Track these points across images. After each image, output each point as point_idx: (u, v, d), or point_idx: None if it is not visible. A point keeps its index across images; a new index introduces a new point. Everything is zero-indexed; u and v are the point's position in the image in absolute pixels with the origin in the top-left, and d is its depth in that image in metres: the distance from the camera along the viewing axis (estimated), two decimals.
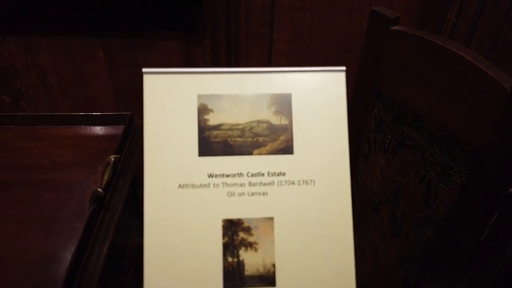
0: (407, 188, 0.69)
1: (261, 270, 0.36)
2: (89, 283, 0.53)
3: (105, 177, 0.62)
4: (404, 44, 0.62)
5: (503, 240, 0.59)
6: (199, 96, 0.37)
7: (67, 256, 0.55)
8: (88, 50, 0.84)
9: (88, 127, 0.77)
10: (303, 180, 0.37)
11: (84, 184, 0.66)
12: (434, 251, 0.67)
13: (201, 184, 0.36)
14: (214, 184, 0.37)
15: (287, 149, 0.37)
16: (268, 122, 0.37)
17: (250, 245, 0.36)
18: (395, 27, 0.63)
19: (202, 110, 0.37)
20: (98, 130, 0.77)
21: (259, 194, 0.37)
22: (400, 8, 0.86)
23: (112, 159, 0.64)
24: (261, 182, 0.37)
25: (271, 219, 0.36)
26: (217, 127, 0.37)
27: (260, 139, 0.37)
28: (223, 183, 0.37)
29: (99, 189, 0.59)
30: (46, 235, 0.59)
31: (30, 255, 0.56)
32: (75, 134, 0.75)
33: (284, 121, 0.37)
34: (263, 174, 0.37)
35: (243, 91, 0.37)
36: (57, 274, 0.53)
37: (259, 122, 0.37)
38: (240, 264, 0.36)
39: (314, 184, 0.37)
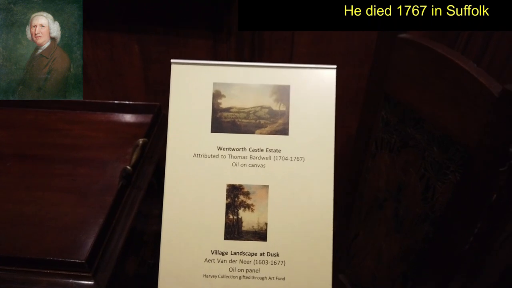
0: (409, 186, 0.76)
1: (256, 227, 0.46)
2: (115, 245, 0.64)
3: (134, 157, 0.72)
4: (410, 51, 0.70)
5: (492, 238, 0.65)
6: (215, 84, 0.47)
7: (98, 222, 0.65)
8: (125, 45, 0.96)
9: (121, 114, 0.88)
10: (295, 157, 0.47)
11: (115, 163, 0.77)
12: (431, 246, 0.73)
13: (211, 155, 0.47)
14: (222, 155, 0.47)
15: (284, 131, 0.47)
16: (269, 107, 0.47)
17: (248, 207, 0.46)
18: (402, 35, 0.70)
19: (216, 95, 0.47)
20: (129, 117, 0.88)
21: (258, 166, 0.47)
22: None
23: (141, 142, 0.75)
24: (260, 156, 0.47)
25: (266, 186, 0.46)
26: (227, 109, 0.47)
27: (262, 121, 0.47)
28: (229, 155, 0.47)
29: (128, 167, 0.70)
30: (80, 204, 0.70)
31: (67, 219, 0.67)
32: (109, 119, 0.87)
33: (283, 108, 0.47)
34: (262, 150, 0.47)
35: (250, 81, 0.47)
36: (89, 236, 0.64)
37: (262, 107, 0.47)
38: (239, 221, 0.46)
39: (303, 161, 0.46)
